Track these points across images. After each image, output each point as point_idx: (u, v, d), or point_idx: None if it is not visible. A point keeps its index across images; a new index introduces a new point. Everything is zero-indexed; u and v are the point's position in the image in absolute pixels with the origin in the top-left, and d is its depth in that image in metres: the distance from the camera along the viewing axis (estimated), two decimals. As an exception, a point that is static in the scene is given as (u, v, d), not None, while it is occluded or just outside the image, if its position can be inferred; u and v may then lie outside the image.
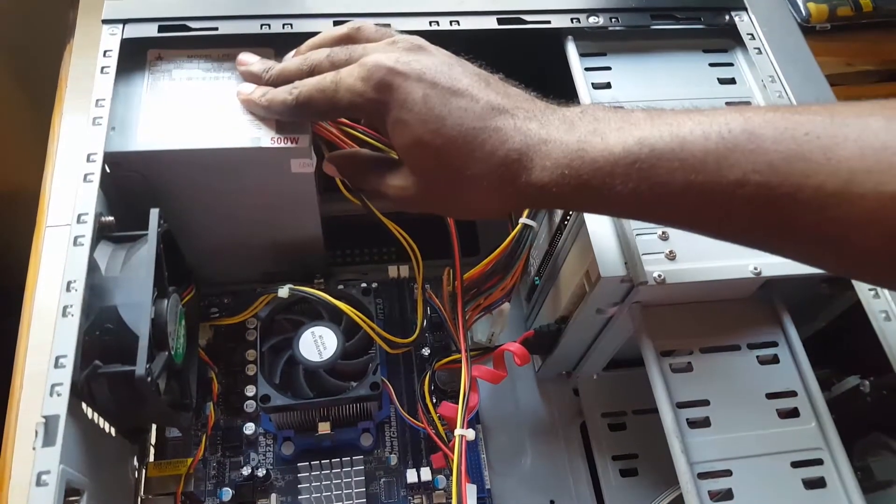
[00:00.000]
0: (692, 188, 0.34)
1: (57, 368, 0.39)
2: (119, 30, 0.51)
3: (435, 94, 0.39)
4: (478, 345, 0.60)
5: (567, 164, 0.37)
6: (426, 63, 0.41)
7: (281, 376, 0.54)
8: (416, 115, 0.39)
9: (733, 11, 0.58)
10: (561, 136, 0.37)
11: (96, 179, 0.45)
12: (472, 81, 0.40)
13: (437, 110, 0.39)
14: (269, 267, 0.61)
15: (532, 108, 0.40)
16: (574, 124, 0.38)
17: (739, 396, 0.45)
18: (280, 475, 0.55)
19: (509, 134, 0.38)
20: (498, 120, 0.39)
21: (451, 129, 0.39)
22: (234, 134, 0.49)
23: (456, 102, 0.39)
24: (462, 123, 0.39)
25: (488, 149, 0.38)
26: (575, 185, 0.37)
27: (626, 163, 0.35)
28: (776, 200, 0.32)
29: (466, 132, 0.39)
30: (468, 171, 0.39)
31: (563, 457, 0.60)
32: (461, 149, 0.39)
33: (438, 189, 0.42)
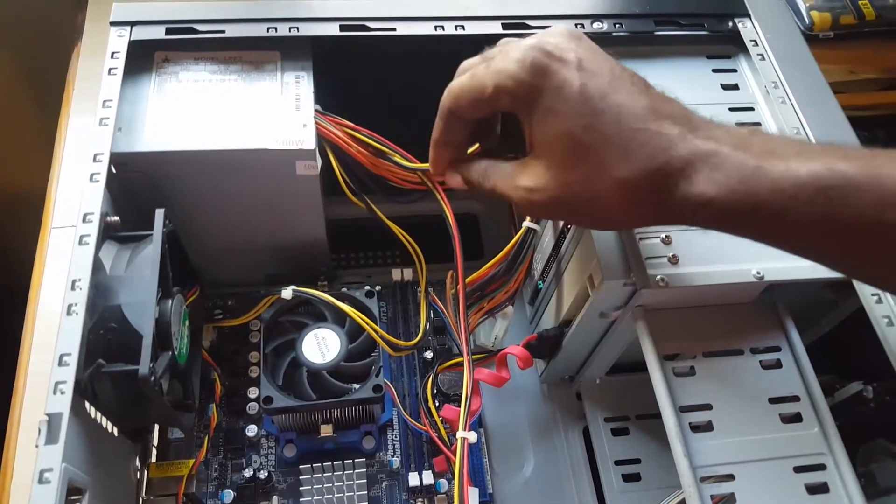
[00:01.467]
0: (884, 224, 0.32)
1: (61, 366, 0.39)
2: (127, 32, 0.51)
3: (594, 87, 0.36)
4: (481, 348, 0.60)
5: (740, 180, 0.34)
6: (587, 53, 0.37)
7: (284, 378, 0.54)
8: (570, 105, 0.36)
9: (737, 18, 0.58)
10: (732, 151, 0.35)
11: (102, 179, 0.45)
12: (633, 82, 0.37)
13: (594, 103, 0.36)
14: (273, 269, 0.61)
15: (695, 120, 0.37)
16: (746, 141, 0.35)
17: (742, 401, 0.45)
18: (282, 477, 0.55)
19: (674, 140, 0.35)
20: (661, 125, 0.36)
21: (606, 125, 0.36)
22: (239, 135, 0.49)
23: (615, 98, 0.36)
24: (620, 121, 0.36)
25: (647, 152, 0.35)
26: (747, 204, 0.34)
27: (813, 187, 0.33)
28: None
29: (624, 131, 0.35)
30: (618, 173, 0.36)
31: (565, 461, 0.59)
32: (615, 148, 0.36)
33: (577, 191, 0.38)
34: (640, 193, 0.36)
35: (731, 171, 0.34)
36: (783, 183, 0.33)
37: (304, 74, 0.52)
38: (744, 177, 0.34)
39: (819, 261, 0.36)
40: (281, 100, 0.51)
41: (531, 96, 0.37)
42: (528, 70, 0.37)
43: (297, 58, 0.53)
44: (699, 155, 0.35)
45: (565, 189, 0.38)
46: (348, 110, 0.53)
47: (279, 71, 0.52)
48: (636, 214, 0.38)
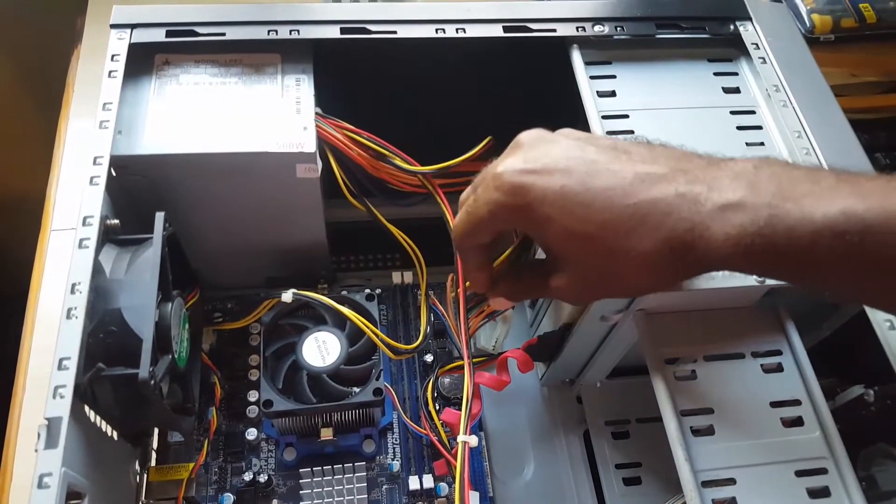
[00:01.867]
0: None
1: (60, 370, 0.39)
2: (127, 34, 0.51)
3: (573, 182, 0.37)
4: (481, 351, 0.60)
5: (756, 233, 0.33)
6: (554, 153, 0.38)
7: (284, 381, 0.54)
8: (559, 208, 0.37)
9: (738, 21, 0.58)
10: (742, 199, 0.34)
11: (102, 182, 0.45)
12: (610, 156, 0.38)
13: (579, 197, 0.36)
14: (273, 272, 0.61)
15: (692, 168, 0.36)
16: (753, 184, 0.34)
17: (743, 405, 0.45)
18: (282, 481, 0.55)
19: (672, 204, 0.35)
20: (653, 190, 0.36)
21: (600, 213, 0.36)
22: (239, 138, 0.49)
23: (598, 183, 0.36)
24: (611, 204, 0.36)
25: (651, 225, 0.35)
26: (766, 254, 0.34)
27: (830, 234, 0.32)
28: None
29: (619, 212, 0.36)
30: (630, 252, 0.36)
31: (566, 465, 0.59)
32: (617, 231, 0.36)
33: (601, 276, 0.39)
34: (664, 263, 0.36)
35: (745, 223, 0.34)
36: (799, 231, 0.33)
37: (305, 77, 0.52)
38: (759, 228, 0.33)
39: (847, 299, 0.36)
40: (281, 103, 0.51)
41: (523, 214, 0.38)
42: (509, 193, 0.38)
43: (298, 60, 0.53)
44: (705, 212, 0.35)
45: (592, 277, 0.39)
46: (349, 113, 0.53)
47: (280, 74, 0.52)
48: (663, 279, 0.38)
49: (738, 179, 0.35)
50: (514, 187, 0.38)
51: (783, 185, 0.34)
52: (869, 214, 0.32)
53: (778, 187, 0.34)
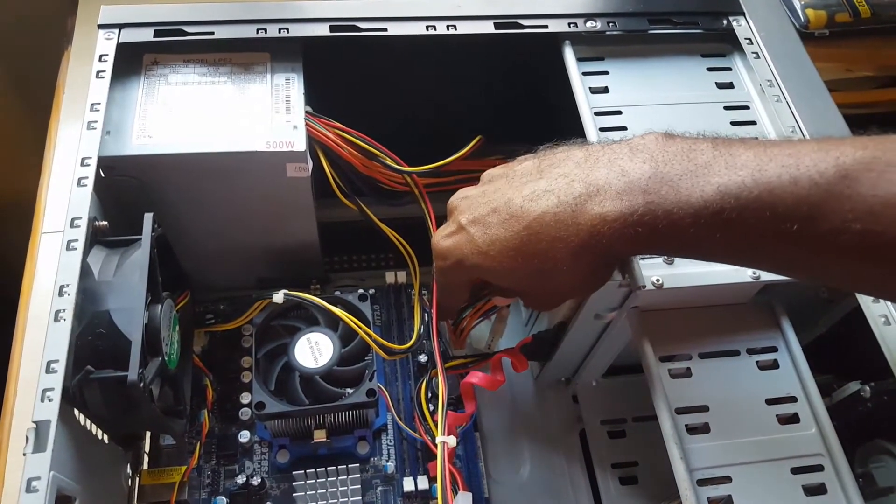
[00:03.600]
0: (785, 237, 0.32)
1: (48, 373, 0.38)
2: (115, 34, 0.51)
3: (479, 231, 0.41)
4: (476, 351, 0.60)
5: (637, 222, 0.35)
6: (467, 210, 0.42)
7: (276, 383, 0.53)
8: (479, 256, 0.41)
9: (731, 16, 0.58)
10: (617, 189, 0.36)
11: (90, 183, 0.44)
12: (505, 190, 0.41)
13: (489, 240, 0.40)
14: (264, 272, 0.61)
15: (570, 171, 0.38)
16: (626, 172, 0.36)
17: (739, 402, 0.45)
18: (275, 483, 0.54)
19: (556, 214, 0.37)
20: (538, 205, 0.38)
21: (509, 247, 0.39)
22: (229, 138, 0.49)
23: (495, 220, 0.40)
24: (511, 235, 0.39)
25: (548, 238, 0.38)
26: (650, 239, 0.35)
27: (707, 214, 0.33)
28: (881, 248, 0.31)
29: (521, 240, 0.39)
30: (546, 266, 0.39)
31: (562, 464, 0.59)
32: (527, 254, 0.39)
33: (545, 292, 0.42)
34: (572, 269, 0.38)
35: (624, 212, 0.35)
36: (678, 214, 0.34)
37: (295, 76, 0.52)
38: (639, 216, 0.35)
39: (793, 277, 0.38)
40: (271, 101, 0.51)
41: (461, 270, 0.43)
42: (442, 258, 0.44)
43: (288, 59, 0.53)
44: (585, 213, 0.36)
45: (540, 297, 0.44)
46: (339, 112, 0.53)
47: (269, 72, 0.52)
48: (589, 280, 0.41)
49: (611, 169, 0.37)
50: (442, 252, 0.43)
51: (658, 165, 0.35)
52: (743, 191, 0.33)
53: (653, 169, 0.35)
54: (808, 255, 0.33)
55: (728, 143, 0.35)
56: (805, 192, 0.32)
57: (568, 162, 0.39)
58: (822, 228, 0.31)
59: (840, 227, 0.31)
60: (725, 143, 0.35)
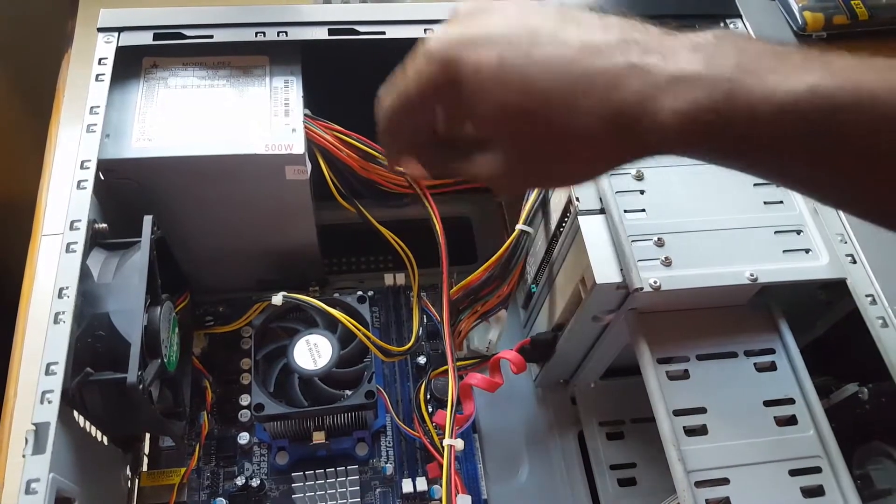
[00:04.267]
0: (881, 149, 0.29)
1: (48, 375, 0.38)
2: (115, 38, 0.51)
3: (512, 53, 0.33)
4: (475, 353, 0.60)
5: (711, 109, 0.30)
6: (493, 23, 0.34)
7: (275, 385, 0.54)
8: (493, 79, 0.33)
9: (728, 19, 0.58)
10: (698, 71, 0.30)
11: (90, 186, 0.45)
12: (556, 24, 0.33)
13: (519, 69, 0.32)
14: (264, 275, 0.61)
15: (646, 39, 0.32)
16: (712, 56, 0.31)
17: (737, 404, 0.45)
18: (274, 485, 0.54)
19: (621, 75, 0.31)
20: (601, 60, 0.32)
21: (541, 84, 0.32)
22: (228, 141, 0.49)
23: (541, 52, 0.32)
24: (553, 75, 0.32)
25: (596, 97, 0.32)
26: (721, 134, 0.31)
27: (794, 112, 0.29)
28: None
29: (562, 84, 0.32)
30: (571, 126, 0.32)
31: (560, 466, 0.59)
32: (560, 105, 0.32)
33: (537, 158, 0.35)
34: (609, 142, 0.33)
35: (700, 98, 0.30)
36: (760, 109, 0.30)
37: (293, 79, 0.52)
38: (715, 104, 0.30)
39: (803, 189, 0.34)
40: (270, 104, 0.51)
41: (453, 90, 0.34)
42: (439, 65, 0.34)
43: (286, 62, 0.53)
44: (658, 84, 0.31)
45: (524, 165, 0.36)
46: (338, 115, 0.53)
47: (268, 76, 0.52)
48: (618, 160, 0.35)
49: (696, 51, 0.31)
50: (444, 59, 0.34)
51: (746, 58, 0.31)
52: (840, 93, 0.29)
53: (739, 60, 0.31)
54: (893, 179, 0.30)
55: (820, 51, 0.31)
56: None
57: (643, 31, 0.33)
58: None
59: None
60: (818, 52, 0.31)
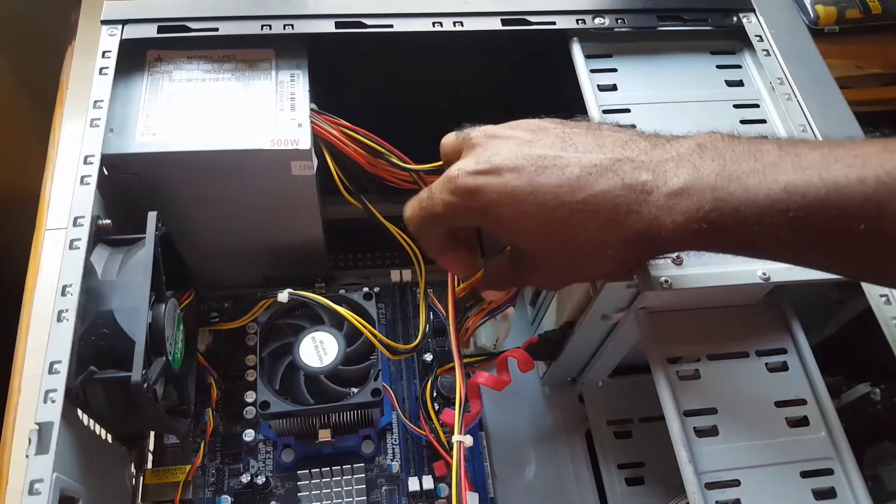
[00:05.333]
0: (851, 236, 0.32)
1: (51, 374, 0.38)
2: (118, 30, 0.50)
3: (522, 182, 0.37)
4: (482, 350, 0.60)
5: (703, 218, 0.34)
6: (503, 152, 0.39)
7: (281, 382, 0.53)
8: (511, 209, 0.38)
9: (741, 13, 0.57)
10: (686, 184, 0.35)
11: (93, 182, 0.44)
12: (557, 150, 0.38)
13: (530, 197, 0.37)
14: (269, 271, 0.61)
15: (636, 155, 0.37)
16: (697, 167, 0.35)
17: (748, 404, 0.44)
18: (280, 483, 0.54)
19: (620, 196, 0.36)
20: (600, 183, 0.36)
21: (552, 211, 0.37)
22: (233, 136, 0.48)
23: (546, 180, 0.37)
24: (561, 202, 0.37)
25: (602, 218, 0.36)
26: (715, 236, 0.35)
27: (774, 212, 0.33)
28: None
29: (570, 209, 0.37)
30: (586, 245, 0.37)
31: (567, 465, 0.59)
32: (571, 227, 0.37)
33: (566, 267, 0.40)
34: (619, 253, 0.38)
35: (691, 209, 0.35)
36: (744, 212, 0.34)
37: (300, 73, 0.52)
38: (705, 213, 0.34)
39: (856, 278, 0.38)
40: (276, 99, 0.50)
41: (480, 216, 0.39)
42: (463, 196, 0.39)
43: (292, 56, 0.52)
44: (652, 202, 0.35)
45: (557, 272, 0.41)
46: (345, 109, 0.52)
47: (274, 69, 0.52)
48: (624, 265, 0.41)
49: (681, 164, 0.36)
50: (467, 190, 0.39)
51: (726, 163, 0.35)
52: (810, 189, 0.33)
53: (721, 167, 0.35)
54: (872, 255, 0.33)
55: (793, 143, 0.35)
56: (872, 191, 0.31)
57: (633, 146, 0.38)
58: (889, 227, 0.31)
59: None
60: (791, 143, 0.35)
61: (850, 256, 0.34)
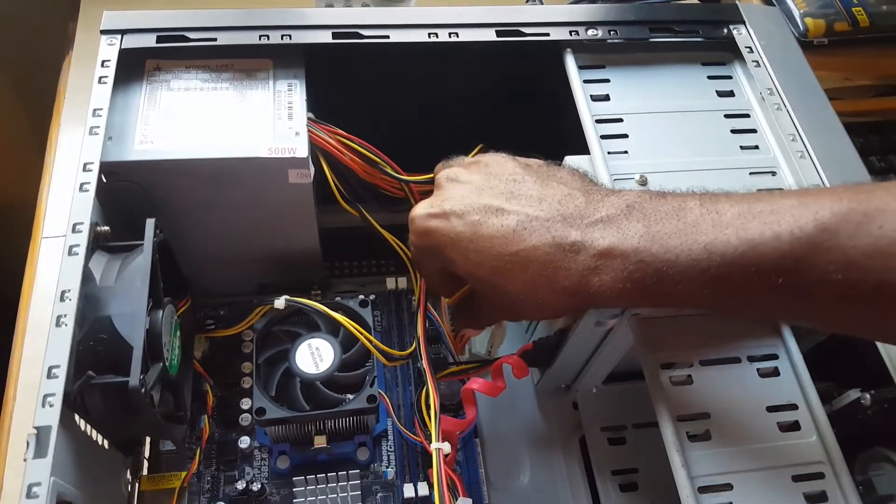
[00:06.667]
0: (771, 290, 0.34)
1: (49, 379, 0.38)
2: (117, 40, 0.51)
3: (465, 229, 0.40)
4: (476, 357, 0.60)
5: (627, 278, 0.36)
6: (455, 197, 0.42)
7: (277, 389, 0.53)
8: (455, 252, 0.41)
9: (731, 25, 0.58)
10: (611, 245, 0.37)
11: (92, 189, 0.44)
12: (501, 201, 0.41)
13: (471, 245, 0.40)
14: (265, 278, 0.61)
15: (570, 213, 0.39)
16: (622, 229, 0.37)
17: (740, 409, 0.45)
18: (275, 489, 0.54)
19: (549, 252, 0.38)
20: (532, 238, 0.39)
21: (488, 260, 0.40)
22: (231, 144, 0.49)
23: (485, 231, 0.40)
24: (496, 253, 0.39)
25: (533, 271, 0.39)
26: (640, 295, 0.37)
27: (695, 272, 0.35)
28: (861, 298, 0.32)
29: (504, 261, 0.39)
30: (521, 294, 0.40)
31: (562, 471, 0.59)
32: (505, 276, 0.40)
33: (513, 307, 0.43)
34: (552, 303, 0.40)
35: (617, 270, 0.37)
36: (666, 272, 0.35)
37: (297, 82, 0.52)
38: (629, 273, 0.36)
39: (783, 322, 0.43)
40: (273, 108, 0.51)
41: (436, 254, 0.43)
42: (420, 236, 0.43)
43: (290, 66, 0.53)
44: (581, 261, 0.38)
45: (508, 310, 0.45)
46: (341, 118, 0.53)
47: (271, 79, 0.52)
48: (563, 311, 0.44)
49: (609, 225, 0.38)
50: (422, 231, 0.43)
51: (650, 224, 0.37)
52: (728, 249, 0.34)
53: (646, 228, 0.37)
54: (794, 306, 0.35)
55: (715, 199, 0.37)
56: (788, 247, 0.33)
57: (570, 203, 0.40)
58: (806, 280, 0.33)
59: (823, 278, 0.33)
60: (712, 200, 0.37)
61: (772, 308, 0.36)
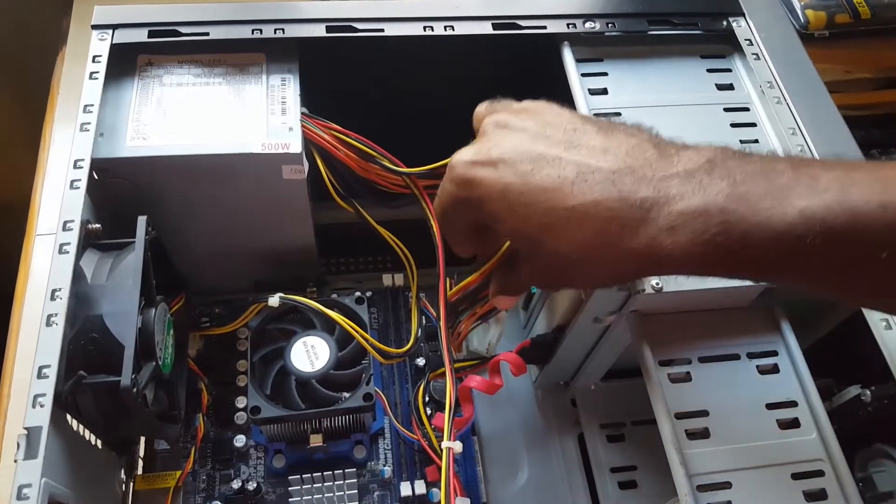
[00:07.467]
0: (872, 265, 0.31)
1: (40, 379, 0.38)
2: (109, 35, 0.50)
3: (515, 179, 0.35)
4: (474, 354, 0.60)
5: (708, 241, 0.32)
6: (504, 145, 0.37)
7: (272, 387, 0.53)
8: (503, 206, 0.36)
9: (731, 17, 0.57)
10: (692, 203, 0.32)
11: (83, 186, 0.44)
12: (559, 150, 0.36)
13: (521, 197, 0.35)
14: (261, 275, 0.60)
15: (641, 166, 0.34)
16: (703, 184, 0.32)
17: (739, 407, 0.45)
18: (271, 488, 0.54)
19: (614, 208, 0.33)
20: (594, 191, 0.34)
21: (540, 215, 0.35)
22: (224, 139, 0.48)
23: (539, 181, 0.35)
24: (550, 206, 0.34)
25: (591, 229, 0.34)
26: (719, 261, 0.32)
27: (789, 238, 0.31)
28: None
29: (558, 216, 0.34)
30: (573, 255, 0.35)
31: (560, 469, 0.59)
32: (558, 234, 0.35)
33: (556, 271, 0.38)
34: (605, 266, 0.35)
35: (695, 230, 0.32)
36: (755, 236, 0.31)
37: (291, 77, 0.52)
38: (711, 235, 0.32)
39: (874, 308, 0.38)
40: (266, 103, 0.50)
41: (475, 208, 0.37)
42: (459, 186, 0.38)
43: (283, 60, 0.52)
44: (651, 220, 0.33)
45: (548, 274, 0.39)
46: (336, 113, 0.52)
47: (265, 73, 0.52)
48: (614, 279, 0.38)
49: (687, 181, 0.33)
50: (464, 180, 0.37)
51: (736, 183, 0.32)
52: (828, 215, 0.30)
53: (731, 187, 0.32)
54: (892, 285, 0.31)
55: (807, 163, 0.33)
56: (893, 218, 0.30)
57: (639, 154, 0.35)
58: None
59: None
60: (805, 164, 0.33)
61: (866, 285, 0.33)
